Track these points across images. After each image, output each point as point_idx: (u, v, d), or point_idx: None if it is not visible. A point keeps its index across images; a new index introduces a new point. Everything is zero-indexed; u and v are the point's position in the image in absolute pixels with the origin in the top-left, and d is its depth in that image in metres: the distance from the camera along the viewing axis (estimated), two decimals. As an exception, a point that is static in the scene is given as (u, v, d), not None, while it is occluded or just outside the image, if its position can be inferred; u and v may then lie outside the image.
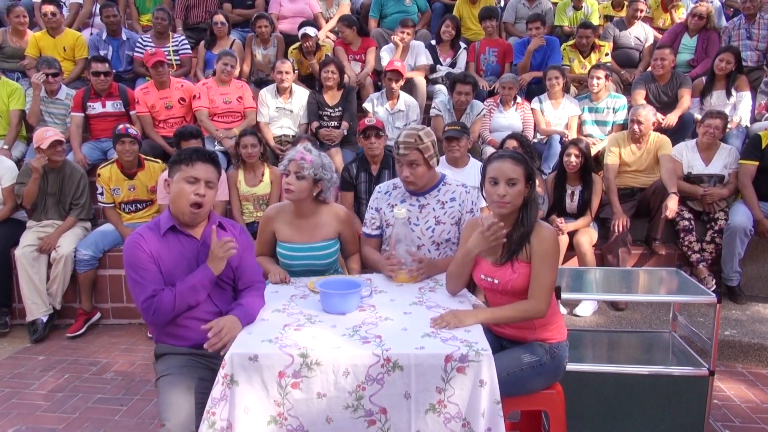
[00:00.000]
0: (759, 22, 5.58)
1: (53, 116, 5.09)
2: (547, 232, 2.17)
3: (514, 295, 2.16)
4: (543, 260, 2.11)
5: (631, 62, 6.05)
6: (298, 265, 2.73)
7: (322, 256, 2.75)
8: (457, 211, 2.77)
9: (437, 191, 2.80)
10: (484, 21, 5.93)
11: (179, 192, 2.20)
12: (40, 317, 4.08)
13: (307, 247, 2.74)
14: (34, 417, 3.07)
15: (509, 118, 5.15)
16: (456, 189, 2.81)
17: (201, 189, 2.18)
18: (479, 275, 2.25)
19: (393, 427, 1.88)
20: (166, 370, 2.16)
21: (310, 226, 2.77)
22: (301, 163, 2.64)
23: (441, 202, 2.79)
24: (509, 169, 2.14)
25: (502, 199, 2.14)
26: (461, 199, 2.78)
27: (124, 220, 4.39)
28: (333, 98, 5.13)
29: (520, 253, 2.14)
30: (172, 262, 2.19)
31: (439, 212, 2.77)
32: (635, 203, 4.40)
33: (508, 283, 2.14)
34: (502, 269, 2.17)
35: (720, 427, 2.89)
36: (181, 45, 5.84)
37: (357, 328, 2.06)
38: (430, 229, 2.76)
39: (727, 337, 3.63)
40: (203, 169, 2.20)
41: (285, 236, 2.76)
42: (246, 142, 4.25)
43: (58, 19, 5.60)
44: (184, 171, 2.19)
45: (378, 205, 2.90)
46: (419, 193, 2.80)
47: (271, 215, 2.82)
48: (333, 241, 2.79)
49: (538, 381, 2.16)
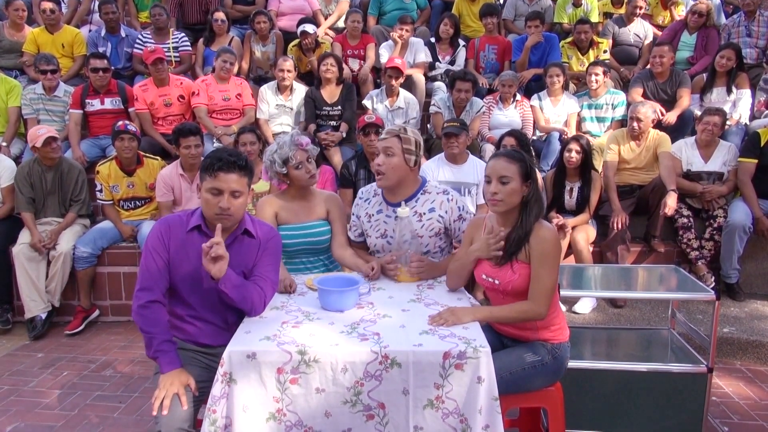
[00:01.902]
0: (758, 19, 5.57)
1: (52, 113, 5.08)
2: (547, 232, 2.12)
3: (515, 296, 2.15)
4: (542, 261, 2.08)
5: (630, 59, 6.05)
6: (295, 244, 2.79)
7: (317, 234, 2.81)
8: (437, 223, 2.59)
9: (415, 201, 2.62)
10: (484, 18, 5.92)
11: (205, 202, 2.13)
12: (38, 314, 4.08)
13: (302, 226, 2.79)
14: (32, 414, 3.07)
15: (509, 115, 5.15)
16: (436, 198, 2.62)
17: (224, 201, 2.08)
18: (481, 275, 2.25)
19: (391, 421, 1.89)
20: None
21: (305, 208, 2.83)
22: (309, 148, 2.76)
23: (419, 214, 2.60)
24: (501, 167, 2.13)
25: (494, 197, 2.13)
26: (443, 209, 2.60)
27: (123, 218, 4.39)
28: (332, 95, 5.11)
29: (519, 254, 2.12)
30: (186, 259, 2.15)
31: (416, 225, 2.59)
32: (634, 200, 4.40)
33: (509, 284, 2.14)
34: (503, 270, 2.16)
35: (718, 424, 2.90)
36: (181, 42, 5.83)
37: (355, 325, 2.06)
38: (407, 242, 2.62)
39: (725, 334, 3.63)
40: (226, 180, 2.09)
41: (283, 219, 2.81)
42: (245, 140, 4.24)
43: (57, 16, 5.59)
44: (208, 182, 2.10)
45: (357, 212, 2.80)
46: (395, 203, 2.63)
47: (272, 200, 2.83)
48: (325, 221, 2.85)
49: (539, 380, 2.16)
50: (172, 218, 2.22)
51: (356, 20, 5.71)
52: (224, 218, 2.11)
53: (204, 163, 2.14)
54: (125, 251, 4.31)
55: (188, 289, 2.18)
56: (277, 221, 2.81)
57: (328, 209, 2.86)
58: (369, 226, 2.71)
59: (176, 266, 2.15)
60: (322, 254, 2.88)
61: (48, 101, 5.06)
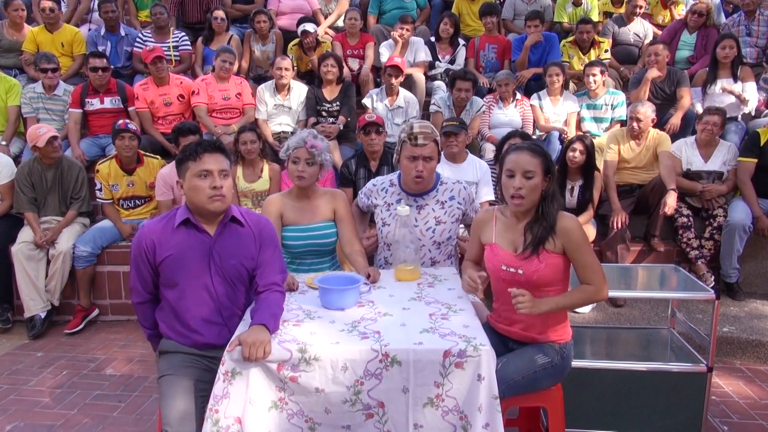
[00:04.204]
0: (758, 18, 5.58)
1: (51, 112, 5.07)
2: (570, 221, 2.11)
3: (539, 287, 2.10)
4: (580, 250, 2.09)
5: (630, 59, 6.05)
6: (301, 246, 2.79)
7: (323, 236, 2.81)
8: (457, 209, 2.77)
9: (435, 191, 2.79)
10: (484, 17, 5.92)
11: (194, 189, 2.10)
12: (38, 314, 4.08)
13: (308, 227, 2.79)
14: (32, 414, 3.07)
15: (509, 114, 5.15)
16: (453, 187, 2.81)
17: (216, 181, 2.09)
18: (499, 265, 2.17)
19: (391, 420, 1.89)
20: (168, 370, 2.14)
21: (311, 208, 2.82)
22: (312, 150, 2.72)
23: (440, 202, 2.78)
24: (526, 161, 2.08)
25: (518, 192, 2.08)
26: (461, 197, 2.79)
27: (123, 216, 4.39)
28: (332, 93, 5.13)
29: (546, 244, 2.10)
30: (180, 255, 2.13)
31: (439, 212, 2.76)
32: (634, 200, 4.40)
33: (534, 273, 2.09)
34: (528, 260, 2.11)
35: (718, 423, 2.90)
36: (181, 41, 5.82)
37: (356, 323, 2.06)
38: (431, 229, 2.74)
39: (725, 333, 3.63)
40: (212, 160, 2.10)
41: (289, 220, 2.80)
42: (245, 139, 4.23)
43: (56, 15, 5.58)
44: (193, 168, 2.10)
45: (373, 199, 2.88)
46: (417, 194, 2.77)
47: (277, 200, 2.83)
48: (331, 222, 2.84)
49: (547, 381, 2.15)
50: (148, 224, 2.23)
51: (354, 18, 5.72)
52: (217, 200, 2.11)
53: (183, 155, 2.15)
54: (125, 250, 4.30)
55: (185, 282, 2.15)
56: (282, 222, 2.80)
57: (334, 208, 2.84)
58: (388, 214, 2.78)
59: (170, 263, 2.14)
60: (327, 255, 2.88)
61: (48, 100, 5.05)
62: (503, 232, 2.22)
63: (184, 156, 2.15)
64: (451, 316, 2.12)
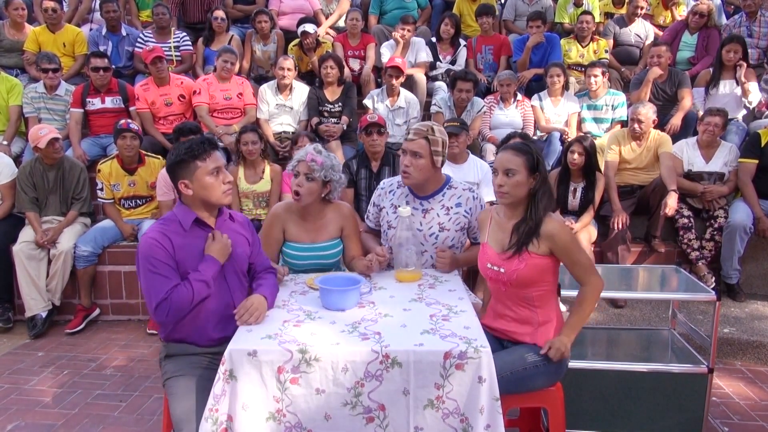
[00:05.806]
0: (760, 19, 5.58)
1: (53, 112, 5.07)
2: (555, 225, 2.13)
3: (519, 286, 2.15)
4: (566, 252, 2.14)
5: (631, 60, 6.05)
6: (303, 265, 2.71)
7: (327, 256, 2.73)
8: (463, 218, 2.67)
9: (442, 195, 2.69)
10: (480, 17, 5.92)
11: (209, 187, 2.14)
12: (39, 313, 4.08)
13: (313, 247, 2.71)
14: (33, 413, 3.07)
15: (509, 115, 5.15)
16: (462, 193, 2.70)
17: (227, 176, 2.20)
18: (486, 263, 2.25)
19: (392, 423, 1.88)
20: (177, 371, 2.14)
21: (316, 227, 2.73)
22: (312, 165, 2.59)
23: (446, 207, 2.67)
24: (507, 160, 2.16)
25: (499, 189, 2.17)
26: (468, 206, 2.67)
27: (124, 216, 4.39)
28: (333, 94, 5.14)
29: (530, 245, 2.14)
30: (189, 255, 2.15)
31: (444, 218, 2.66)
32: (635, 200, 4.40)
33: (514, 273, 2.14)
34: (510, 260, 2.16)
35: (719, 424, 2.90)
36: (182, 41, 5.82)
37: (356, 324, 2.06)
38: (434, 235, 2.66)
39: (726, 334, 3.63)
40: (218, 156, 2.19)
41: (292, 236, 2.72)
42: (246, 139, 4.23)
43: (58, 15, 5.58)
44: (203, 167, 2.12)
45: (380, 202, 2.81)
46: (423, 196, 2.69)
47: (280, 213, 2.74)
48: (337, 240, 2.76)
49: (540, 380, 2.15)
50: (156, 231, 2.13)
51: (355, 18, 5.72)
52: (230, 194, 2.23)
53: (189, 154, 2.12)
54: (126, 250, 4.31)
55: None
56: (285, 237, 2.72)
57: (342, 226, 2.75)
58: (394, 216, 2.70)
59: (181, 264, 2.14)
60: (330, 268, 2.77)
61: (49, 100, 5.05)
62: (495, 232, 2.28)
63: (188, 155, 2.13)
64: (451, 317, 2.12)
